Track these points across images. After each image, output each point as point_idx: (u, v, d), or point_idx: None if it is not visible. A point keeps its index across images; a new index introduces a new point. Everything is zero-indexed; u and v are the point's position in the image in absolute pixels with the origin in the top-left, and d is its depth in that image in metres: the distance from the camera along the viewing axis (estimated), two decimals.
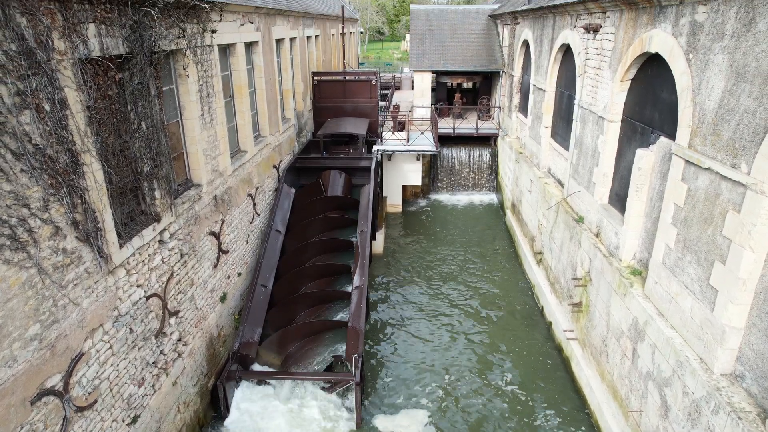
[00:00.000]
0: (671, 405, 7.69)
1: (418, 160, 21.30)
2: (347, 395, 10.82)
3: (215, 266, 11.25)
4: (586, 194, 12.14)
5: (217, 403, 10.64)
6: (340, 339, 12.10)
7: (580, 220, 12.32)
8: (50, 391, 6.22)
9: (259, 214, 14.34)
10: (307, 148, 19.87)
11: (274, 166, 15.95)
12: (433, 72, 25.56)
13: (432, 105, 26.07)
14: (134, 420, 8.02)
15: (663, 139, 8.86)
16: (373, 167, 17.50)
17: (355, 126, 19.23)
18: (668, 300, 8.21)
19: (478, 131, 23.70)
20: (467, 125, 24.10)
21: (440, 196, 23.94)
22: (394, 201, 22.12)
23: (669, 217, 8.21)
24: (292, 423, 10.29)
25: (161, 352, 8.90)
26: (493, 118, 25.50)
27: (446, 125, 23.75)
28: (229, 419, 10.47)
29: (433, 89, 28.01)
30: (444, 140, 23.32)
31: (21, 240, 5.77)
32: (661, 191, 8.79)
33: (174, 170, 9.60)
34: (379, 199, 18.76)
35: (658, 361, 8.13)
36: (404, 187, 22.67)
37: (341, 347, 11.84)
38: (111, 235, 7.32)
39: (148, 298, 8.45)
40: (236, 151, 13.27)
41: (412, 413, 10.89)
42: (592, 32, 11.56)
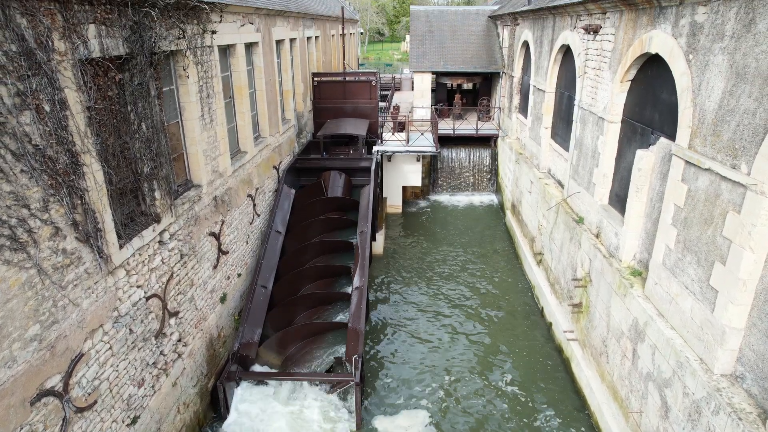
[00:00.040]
0: (671, 406, 7.68)
1: (418, 160, 21.29)
2: (347, 396, 10.81)
3: (215, 267, 11.25)
4: (586, 195, 12.14)
5: (216, 403, 10.64)
6: (340, 340, 12.09)
7: (580, 220, 12.32)
8: (50, 392, 6.21)
9: (259, 215, 14.34)
10: (307, 149, 19.86)
11: (274, 167, 15.95)
12: (433, 73, 25.59)
13: (432, 106, 26.07)
14: (134, 421, 8.02)
15: (663, 140, 8.86)
16: (373, 168, 17.49)
17: (355, 127, 19.22)
18: (668, 301, 8.21)
19: (478, 132, 23.71)
20: (467, 126, 24.11)
21: (440, 197, 23.92)
22: (394, 202, 22.10)
23: (669, 217, 8.21)
24: (292, 424, 10.28)
25: (161, 352, 8.90)
26: (493, 118, 25.51)
27: (446, 126, 23.75)
28: (229, 420, 10.46)
29: (433, 90, 28.02)
30: (444, 141, 23.30)
31: (21, 240, 5.77)
32: (661, 192, 8.79)
33: (174, 171, 9.61)
34: (379, 200, 18.74)
35: (658, 361, 8.13)
36: (404, 188, 22.65)
37: (341, 348, 11.83)
38: (111, 236, 7.32)
39: (148, 298, 8.45)
40: (236, 151, 13.27)
41: (412, 414, 10.89)
42: (592, 33, 11.57)
